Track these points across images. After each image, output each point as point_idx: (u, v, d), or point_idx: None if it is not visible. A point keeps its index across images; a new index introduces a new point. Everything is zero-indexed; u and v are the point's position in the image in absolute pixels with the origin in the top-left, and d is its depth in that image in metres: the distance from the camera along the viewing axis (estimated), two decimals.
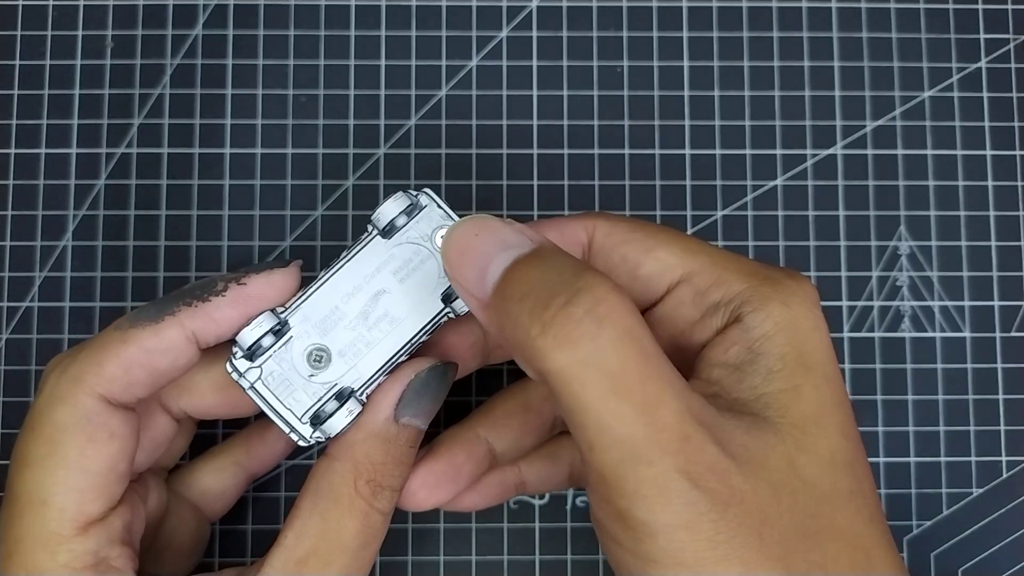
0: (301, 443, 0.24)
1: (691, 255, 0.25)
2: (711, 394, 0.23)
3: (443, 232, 0.24)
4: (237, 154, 0.33)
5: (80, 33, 0.33)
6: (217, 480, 0.29)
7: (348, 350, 0.25)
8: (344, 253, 0.25)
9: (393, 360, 0.25)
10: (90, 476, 0.23)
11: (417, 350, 0.25)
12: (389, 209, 0.25)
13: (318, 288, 0.25)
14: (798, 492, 0.21)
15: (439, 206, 0.25)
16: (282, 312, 0.24)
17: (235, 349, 0.24)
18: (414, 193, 0.25)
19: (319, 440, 0.24)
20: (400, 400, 0.24)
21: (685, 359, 0.25)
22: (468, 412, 0.32)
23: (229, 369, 0.24)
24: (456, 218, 0.25)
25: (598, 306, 0.20)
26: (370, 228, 0.25)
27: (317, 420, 0.24)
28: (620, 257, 0.25)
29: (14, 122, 0.33)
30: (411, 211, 0.25)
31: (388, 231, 0.25)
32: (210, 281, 0.24)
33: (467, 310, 0.24)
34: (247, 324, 0.24)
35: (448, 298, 0.25)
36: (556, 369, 0.20)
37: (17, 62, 0.33)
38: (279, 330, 0.24)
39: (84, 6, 0.33)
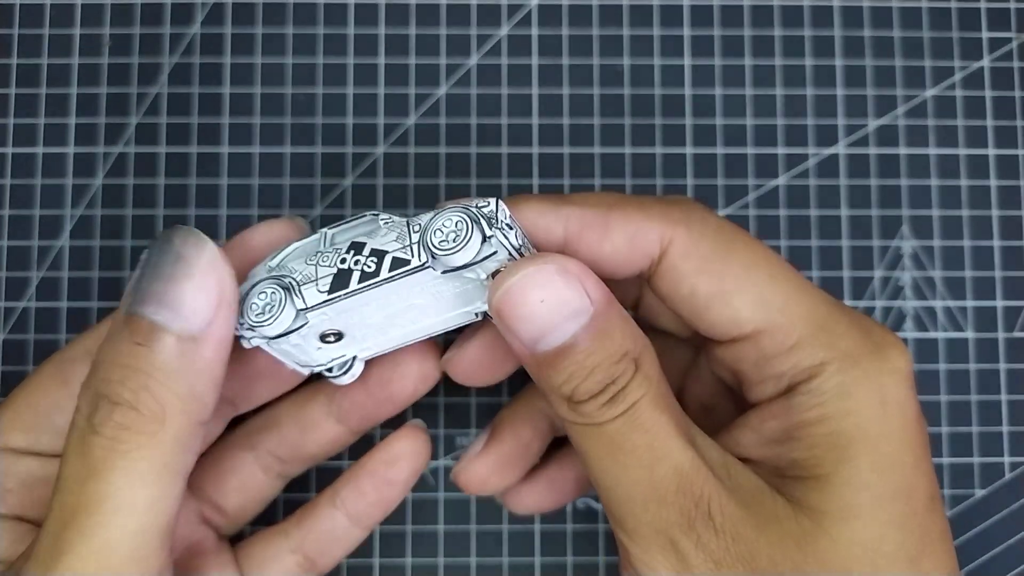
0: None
1: (768, 311, 0.22)
2: (736, 455, 0.23)
3: (499, 268, 0.22)
4: (235, 153, 0.33)
5: (77, 32, 0.33)
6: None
7: (361, 337, 0.24)
8: (386, 268, 0.22)
9: (405, 343, 0.24)
10: (28, 410, 0.24)
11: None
12: (462, 258, 0.21)
13: (347, 298, 0.22)
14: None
15: (510, 254, 0.22)
16: (303, 309, 0.22)
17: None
18: (489, 233, 0.21)
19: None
20: (128, 285, 0.21)
21: (736, 410, 0.25)
22: (467, 415, 0.32)
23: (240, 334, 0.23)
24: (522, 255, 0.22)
25: (626, 387, 0.21)
26: (423, 256, 0.22)
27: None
28: (689, 290, 0.23)
29: (11, 121, 0.33)
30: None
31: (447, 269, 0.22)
32: None
33: None
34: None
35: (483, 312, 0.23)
36: (573, 423, 0.22)
37: (14, 61, 0.33)
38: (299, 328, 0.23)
39: (81, 5, 0.33)
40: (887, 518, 0.21)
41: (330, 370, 0.25)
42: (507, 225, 0.21)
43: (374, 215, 0.23)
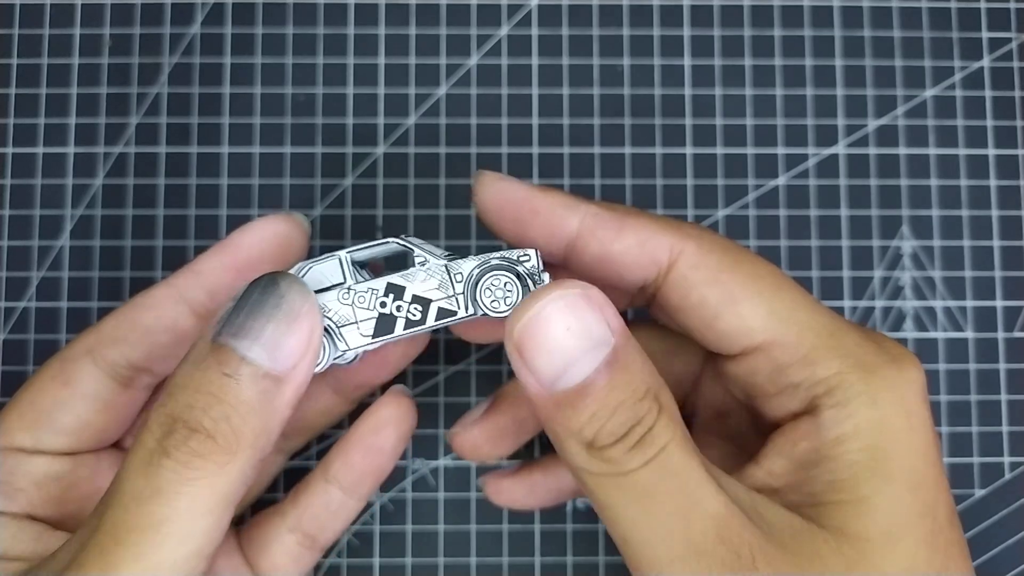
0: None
1: (778, 320, 0.22)
2: (767, 486, 0.22)
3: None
4: (235, 153, 0.33)
5: (77, 32, 0.33)
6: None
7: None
8: (431, 317, 0.23)
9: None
10: (32, 410, 0.24)
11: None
12: (508, 312, 0.23)
13: (391, 340, 0.23)
14: None
15: None
16: (346, 350, 0.23)
17: None
18: (533, 289, 0.23)
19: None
20: (221, 315, 0.21)
21: (751, 418, 0.25)
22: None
23: None
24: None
25: (653, 429, 0.20)
26: (471, 308, 0.23)
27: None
28: (698, 299, 0.23)
29: (11, 121, 0.33)
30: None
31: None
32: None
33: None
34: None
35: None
36: (596, 473, 0.20)
37: (14, 61, 0.33)
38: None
39: (82, 5, 0.33)
40: (920, 537, 0.21)
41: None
42: (542, 272, 0.23)
43: (398, 243, 0.24)
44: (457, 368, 0.32)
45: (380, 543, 0.32)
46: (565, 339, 0.20)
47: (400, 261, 0.25)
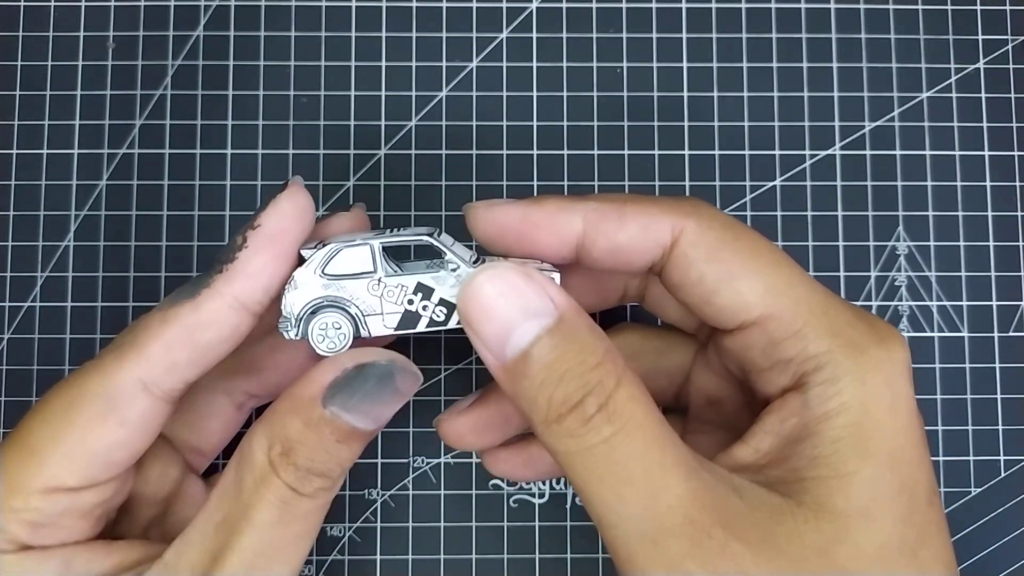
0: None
1: (774, 296, 0.23)
2: (753, 464, 0.23)
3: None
4: (238, 155, 0.33)
5: (82, 34, 0.33)
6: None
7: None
8: (454, 320, 0.24)
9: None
10: (82, 451, 0.23)
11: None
12: None
13: (410, 335, 0.25)
14: None
15: None
16: (368, 338, 0.24)
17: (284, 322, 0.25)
18: None
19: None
20: (331, 384, 0.23)
21: (743, 402, 0.25)
22: None
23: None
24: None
25: (610, 402, 0.21)
26: None
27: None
28: (697, 276, 0.23)
29: (16, 123, 0.33)
30: None
31: None
32: (230, 242, 0.24)
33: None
34: (289, 278, 0.24)
35: None
36: (563, 452, 0.21)
37: (19, 63, 0.33)
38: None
39: (86, 7, 0.34)
40: (896, 514, 0.21)
41: None
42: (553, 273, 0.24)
43: (431, 242, 0.24)
44: (457, 366, 0.33)
45: (381, 539, 0.32)
46: (499, 303, 0.21)
47: (426, 249, 0.25)
